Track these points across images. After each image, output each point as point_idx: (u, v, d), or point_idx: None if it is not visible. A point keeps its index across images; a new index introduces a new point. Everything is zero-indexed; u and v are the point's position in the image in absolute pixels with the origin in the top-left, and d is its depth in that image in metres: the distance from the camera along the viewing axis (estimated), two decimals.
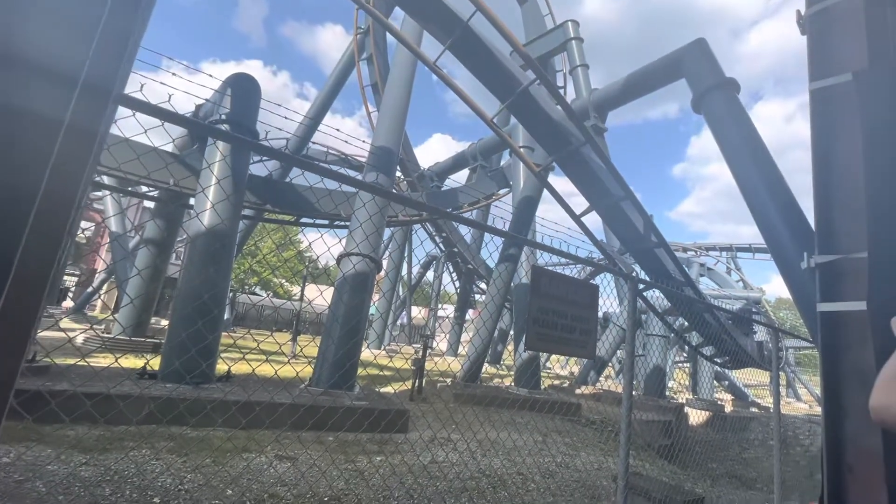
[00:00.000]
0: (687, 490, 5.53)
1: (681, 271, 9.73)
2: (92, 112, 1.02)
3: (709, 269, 27.36)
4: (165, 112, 1.94)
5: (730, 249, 36.68)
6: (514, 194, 14.89)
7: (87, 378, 6.03)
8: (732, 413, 18.36)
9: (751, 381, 26.30)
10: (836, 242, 2.91)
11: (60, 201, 0.91)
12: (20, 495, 3.42)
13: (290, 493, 4.26)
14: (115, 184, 13.51)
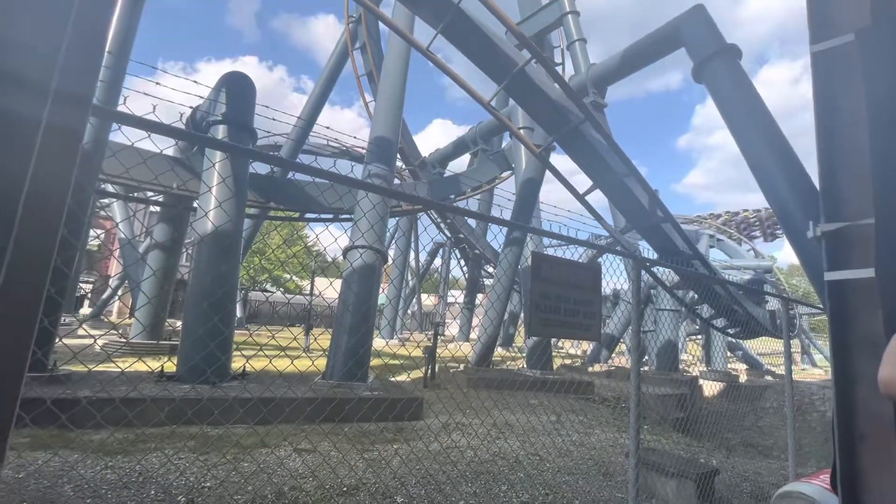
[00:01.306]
0: (702, 463, 5.57)
1: (689, 245, 9.64)
2: (71, 107, 0.99)
3: (718, 239, 27.07)
4: (160, 126, 1.94)
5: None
6: (517, 177, 14.77)
7: (107, 383, 6.18)
8: (747, 383, 18.35)
9: (765, 350, 26.21)
10: (841, 209, 2.86)
11: (46, 204, 0.89)
12: (50, 500, 3.55)
13: (310, 483, 4.36)
14: (120, 190, 13.63)
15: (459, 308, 31.00)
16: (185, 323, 7.58)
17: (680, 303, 12.22)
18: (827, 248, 3.00)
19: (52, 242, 0.91)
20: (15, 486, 3.72)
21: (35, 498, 3.59)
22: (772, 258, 41.62)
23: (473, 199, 19.10)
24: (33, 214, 0.87)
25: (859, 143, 2.91)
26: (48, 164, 0.90)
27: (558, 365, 16.81)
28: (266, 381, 7.21)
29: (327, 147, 25.71)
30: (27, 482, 3.84)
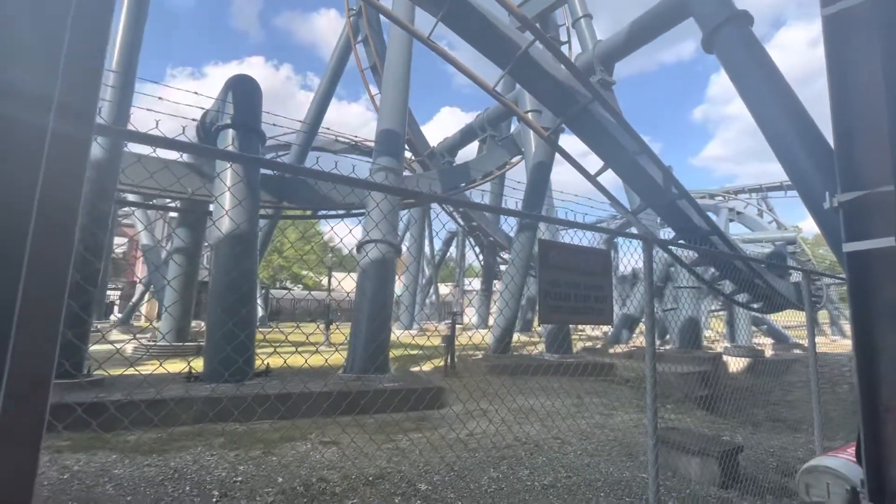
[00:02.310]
0: (725, 440, 5.53)
1: (706, 220, 9.44)
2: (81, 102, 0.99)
3: (738, 213, 26.39)
4: (172, 141, 1.98)
5: (760, 190, 35.21)
6: (527, 161, 14.62)
7: (138, 386, 6.43)
8: (773, 357, 18.03)
9: (791, 323, 25.62)
10: (859, 177, 2.76)
11: (60, 207, 0.91)
12: (93, 499, 3.74)
13: (336, 475, 4.49)
14: (140, 199, 13.98)
15: (476, 295, 31.08)
16: (208, 325, 7.80)
17: (700, 280, 12.00)
18: (845, 219, 2.91)
19: (67, 255, 0.94)
20: (60, 487, 3.93)
21: (80, 497, 3.79)
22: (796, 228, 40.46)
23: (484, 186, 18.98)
24: (46, 227, 0.89)
25: (876, 108, 2.80)
26: (57, 176, 0.92)
27: (579, 348, 16.76)
28: (288, 378, 7.40)
29: (336, 143, 25.83)
30: (71, 482, 4.05)
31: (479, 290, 30.89)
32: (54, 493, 3.82)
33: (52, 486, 3.94)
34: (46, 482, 4.01)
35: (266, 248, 18.26)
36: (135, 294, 27.95)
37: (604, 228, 3.09)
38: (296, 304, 33.45)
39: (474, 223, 26.52)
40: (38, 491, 3.88)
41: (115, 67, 7.81)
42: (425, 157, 20.58)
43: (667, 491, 4.37)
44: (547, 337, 13.95)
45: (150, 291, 25.71)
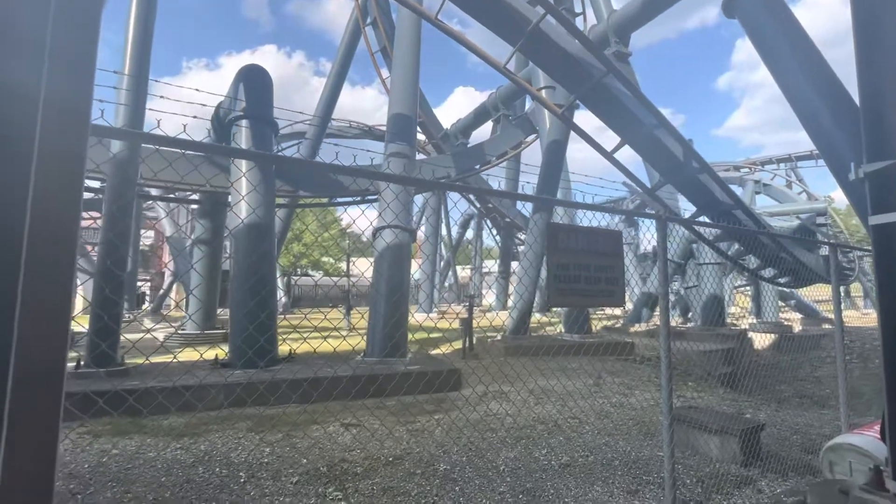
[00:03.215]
0: (746, 418, 5.46)
1: (729, 194, 9.14)
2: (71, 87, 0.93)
3: (765, 185, 25.43)
4: (186, 142, 2.02)
5: (788, 160, 33.80)
6: (542, 140, 14.34)
7: (169, 373, 6.71)
8: (801, 332, 17.56)
9: (822, 297, 24.83)
10: (886, 147, 2.62)
11: (58, 207, 0.89)
12: (130, 479, 3.96)
13: (358, 455, 4.64)
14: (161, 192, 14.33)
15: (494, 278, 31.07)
16: (231, 312, 8.03)
17: (723, 256, 11.69)
18: (871, 190, 2.79)
19: (71, 250, 0.95)
20: (100, 469, 4.18)
21: (118, 478, 4.02)
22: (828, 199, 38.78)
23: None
24: (44, 220, 0.89)
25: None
26: (53, 174, 0.91)
27: (598, 328, 16.66)
28: (311, 363, 7.60)
29: (350, 129, 25.81)
30: (109, 464, 4.30)
31: (497, 271, 30.85)
32: (94, 474, 4.06)
33: (92, 467, 4.19)
34: (87, 464, 4.26)
35: (285, 236, 18.55)
36: (163, 284, 28.91)
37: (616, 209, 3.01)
38: (317, 290, 34.08)
39: (490, 205, 26.34)
40: (81, 472, 4.13)
41: (128, 65, 7.93)
42: (438, 140, 20.41)
43: (685, 469, 4.37)
44: (565, 317, 13.90)
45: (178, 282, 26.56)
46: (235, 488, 3.87)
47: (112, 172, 7.59)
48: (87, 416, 5.20)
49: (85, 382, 6.30)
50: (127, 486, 3.83)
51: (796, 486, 4.05)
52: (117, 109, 7.82)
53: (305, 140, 18.34)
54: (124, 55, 8.03)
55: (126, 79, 7.75)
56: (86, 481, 3.91)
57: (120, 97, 7.88)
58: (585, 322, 13.54)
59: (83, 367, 6.99)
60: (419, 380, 7.03)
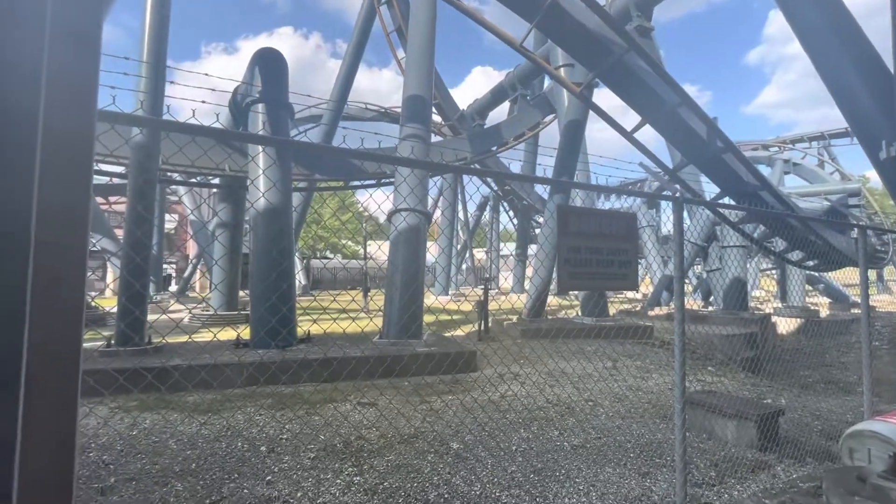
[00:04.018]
0: (765, 403, 5.37)
1: (755, 175, 8.82)
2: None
3: (795, 164, 24.40)
4: (206, 129, 2.05)
5: (821, 138, 32.27)
6: (560, 120, 14.02)
7: (193, 352, 6.96)
8: (829, 317, 17.04)
9: (852, 281, 23.97)
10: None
11: (65, 172, 0.89)
12: (157, 452, 4.17)
13: (374, 433, 4.76)
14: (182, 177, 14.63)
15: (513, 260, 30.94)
16: (251, 294, 8.24)
17: (747, 238, 11.34)
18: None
19: (83, 227, 0.94)
20: (130, 442, 4.40)
21: (147, 450, 4.23)
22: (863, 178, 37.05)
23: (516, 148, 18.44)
24: (53, 202, 0.88)
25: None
26: (58, 163, 0.89)
27: (615, 311, 16.51)
28: (328, 344, 7.77)
29: (366, 111, 25.71)
30: (139, 438, 4.52)
31: (514, 253, 30.70)
32: (125, 446, 4.27)
33: (124, 440, 4.41)
34: (119, 438, 4.49)
35: (303, 219, 18.78)
36: (188, 268, 29.78)
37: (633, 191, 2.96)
38: (335, 273, 34.58)
39: (507, 187, 26.06)
40: (112, 444, 4.36)
41: (146, 51, 8.02)
42: (455, 121, 20.16)
43: (699, 453, 4.35)
44: (583, 300, 13.80)
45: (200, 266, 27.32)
46: (256, 462, 4.03)
47: (133, 157, 7.77)
48: (110, 391, 5.46)
49: (113, 360, 6.59)
50: (155, 458, 4.03)
51: (813, 471, 3.99)
52: (137, 96, 7.95)
53: (321, 124, 18.36)
54: (142, 42, 8.12)
55: (144, 65, 7.85)
56: (117, 453, 4.13)
57: (140, 84, 8.00)
58: (604, 305, 13.42)
59: (112, 346, 7.30)
60: (434, 361, 7.12)
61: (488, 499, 3.47)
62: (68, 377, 0.98)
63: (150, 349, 7.33)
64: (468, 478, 3.80)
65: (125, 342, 7.22)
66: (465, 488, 3.62)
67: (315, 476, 3.78)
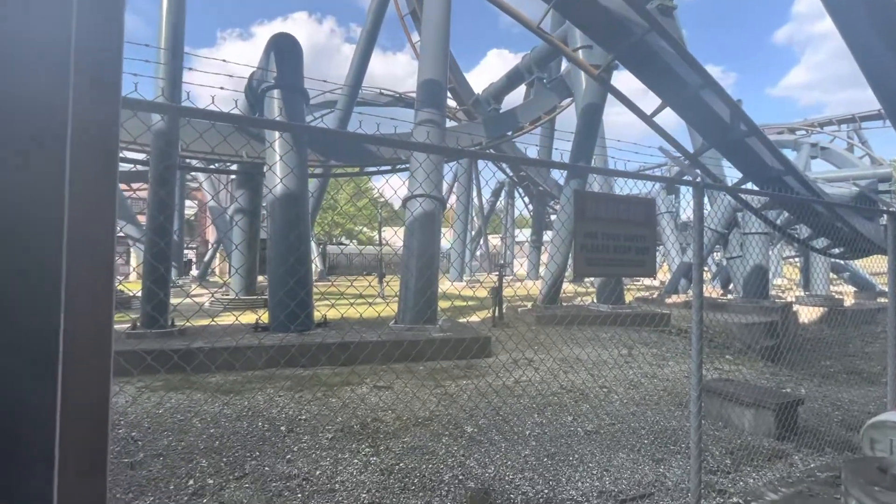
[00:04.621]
0: (784, 392, 5.30)
1: (780, 159, 8.54)
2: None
3: (822, 148, 23.50)
4: (224, 115, 2.08)
5: (851, 121, 30.94)
6: (577, 103, 13.74)
7: (215, 335, 7.15)
8: (854, 306, 16.59)
9: (879, 269, 23.17)
10: None
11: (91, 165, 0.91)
12: (183, 430, 4.33)
13: (390, 415, 4.86)
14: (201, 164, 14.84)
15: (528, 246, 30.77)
16: (269, 280, 8.40)
17: (770, 225, 11.04)
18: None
19: (110, 216, 0.97)
20: (157, 420, 4.58)
21: (173, 428, 4.40)
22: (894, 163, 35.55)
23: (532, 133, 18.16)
24: (82, 193, 0.91)
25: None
26: (87, 153, 0.91)
27: (632, 298, 16.35)
28: (344, 328, 7.90)
29: (381, 96, 25.56)
30: (165, 416, 4.70)
31: (529, 240, 30.51)
32: (152, 423, 4.45)
33: (151, 418, 4.60)
34: (146, 416, 4.68)
35: (319, 205, 18.94)
36: (208, 253, 30.41)
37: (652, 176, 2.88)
38: (351, 258, 34.93)
39: (523, 172, 25.78)
40: (140, 421, 4.55)
41: (164, 38, 8.09)
42: (470, 106, 19.93)
43: (714, 441, 4.33)
44: (599, 287, 13.69)
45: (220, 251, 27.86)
46: (276, 441, 4.16)
47: (154, 143, 7.91)
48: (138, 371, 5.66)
49: (140, 342, 6.83)
50: (180, 436, 4.20)
51: (832, 461, 3.95)
52: (156, 83, 8.06)
53: (336, 109, 18.35)
54: (160, 29, 8.19)
55: (162, 52, 7.94)
56: (144, 430, 4.31)
57: (158, 71, 8.10)
58: (620, 292, 13.30)
59: (137, 328, 7.55)
60: (449, 346, 7.19)
61: (502, 481, 3.53)
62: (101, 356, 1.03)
63: (176, 331, 7.56)
64: (482, 460, 3.86)
65: (151, 324, 7.46)
66: (479, 470, 3.69)
67: (333, 455, 3.89)
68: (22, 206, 0.84)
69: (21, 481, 0.80)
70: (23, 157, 0.83)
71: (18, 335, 0.85)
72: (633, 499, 3.29)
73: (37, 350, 0.87)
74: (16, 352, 0.84)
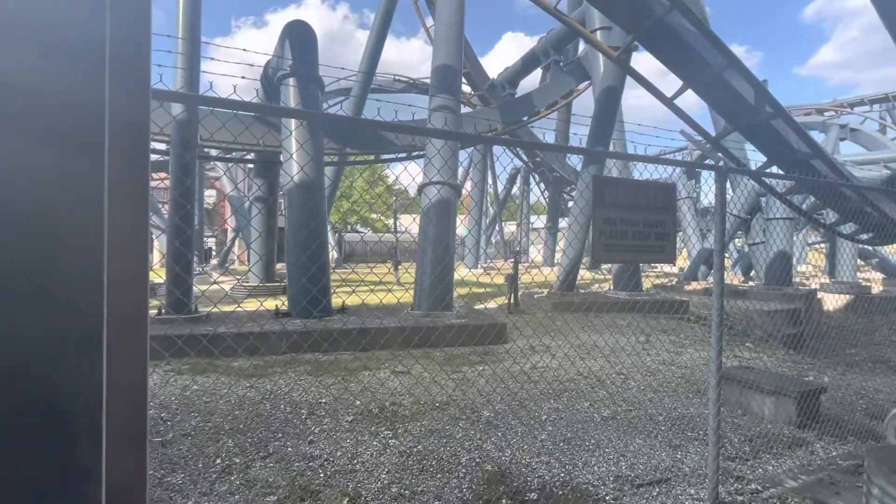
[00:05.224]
0: (806, 380, 5.22)
1: (806, 141, 8.26)
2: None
3: (852, 130, 22.56)
4: (243, 104, 2.12)
5: (885, 100, 29.57)
6: (595, 86, 13.44)
7: (237, 320, 7.35)
8: (882, 293, 16.09)
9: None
10: None
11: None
12: (209, 411, 4.50)
13: (407, 399, 4.95)
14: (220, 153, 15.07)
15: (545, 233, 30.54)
16: (287, 267, 8.56)
17: (795, 210, 10.72)
18: None
19: (143, 210, 1.02)
20: (183, 401, 4.76)
21: (200, 409, 4.57)
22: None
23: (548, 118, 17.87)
24: (119, 189, 0.96)
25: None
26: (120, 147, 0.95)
27: (649, 285, 16.15)
28: (362, 314, 8.03)
29: (395, 83, 25.41)
30: (192, 398, 4.88)
31: (545, 227, 30.27)
32: (179, 405, 4.64)
33: (178, 400, 4.78)
34: (174, 398, 4.87)
35: (335, 193, 19.06)
36: (227, 241, 31.03)
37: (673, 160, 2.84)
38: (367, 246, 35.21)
39: (538, 158, 25.46)
40: (169, 402, 4.74)
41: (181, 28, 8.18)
42: (485, 91, 19.68)
43: (733, 428, 4.31)
44: (616, 274, 13.55)
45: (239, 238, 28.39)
46: (298, 423, 4.29)
47: (176, 133, 8.06)
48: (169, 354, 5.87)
49: (169, 327, 7.06)
50: (207, 417, 4.36)
51: (855, 450, 3.89)
52: (174, 73, 8.17)
53: (351, 97, 18.31)
54: (177, 19, 8.27)
55: (180, 42, 8.03)
56: (173, 411, 4.49)
57: (177, 61, 8.20)
58: (638, 279, 13.15)
59: (162, 314, 7.80)
60: (466, 332, 7.25)
61: (518, 464, 3.59)
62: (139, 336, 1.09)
63: (203, 316, 7.80)
64: (499, 444, 3.92)
65: (178, 310, 7.70)
66: (496, 454, 3.75)
67: (353, 438, 4.00)
68: (68, 204, 0.89)
69: (72, 454, 0.86)
70: (67, 158, 0.88)
71: (69, 317, 0.90)
72: (649, 483, 3.31)
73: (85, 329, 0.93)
74: (67, 331, 0.90)
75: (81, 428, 0.88)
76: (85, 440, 0.89)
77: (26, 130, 0.87)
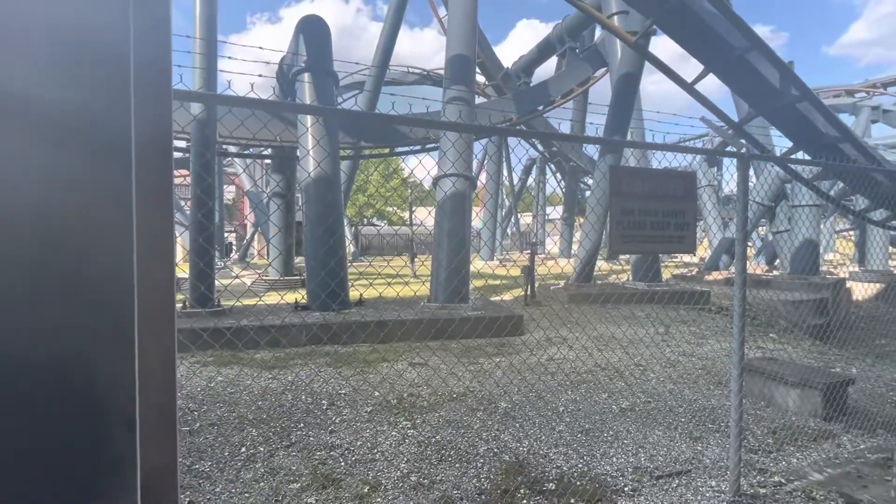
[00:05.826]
0: (834, 372, 5.08)
1: (835, 125, 7.95)
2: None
3: (885, 111, 21.58)
4: (261, 101, 2.15)
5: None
6: (612, 73, 13.17)
7: (258, 314, 7.52)
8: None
9: None
10: None
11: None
12: (233, 402, 4.63)
13: (425, 391, 5.01)
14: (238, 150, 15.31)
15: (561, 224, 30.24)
16: (306, 261, 8.69)
17: (823, 196, 10.37)
18: None
19: (168, 207, 1.06)
20: (209, 393, 4.91)
21: (224, 399, 4.71)
22: None
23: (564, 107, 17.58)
24: (145, 188, 0.99)
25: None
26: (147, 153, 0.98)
27: (669, 276, 15.88)
28: (379, 307, 8.11)
29: (409, 75, 25.34)
30: (217, 389, 5.03)
31: (562, 217, 29.95)
32: (205, 395, 4.78)
33: (203, 391, 4.93)
34: (200, 389, 5.02)
35: (350, 187, 19.18)
36: (247, 235, 31.61)
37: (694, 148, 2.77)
38: (383, 239, 35.44)
39: (554, 148, 25.13)
40: (195, 393, 4.89)
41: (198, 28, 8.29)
42: (499, 80, 19.46)
43: (756, 420, 4.24)
44: (634, 265, 13.36)
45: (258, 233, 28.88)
46: (319, 413, 4.39)
47: (196, 132, 8.21)
48: (196, 345, 6.06)
49: (195, 320, 7.27)
50: (231, 407, 4.49)
51: (884, 443, 3.79)
52: (194, 73, 8.31)
53: (365, 90, 18.33)
54: (194, 20, 8.39)
55: (198, 42, 8.15)
56: (199, 401, 4.64)
57: (195, 61, 8.33)
58: (657, 270, 12.95)
59: (187, 308, 8.02)
60: (481, 324, 7.27)
61: (536, 455, 3.60)
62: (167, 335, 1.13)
63: (227, 310, 8.00)
64: (517, 434, 3.94)
65: (202, 304, 7.91)
66: (513, 444, 3.77)
67: (373, 428, 4.07)
68: (101, 210, 0.93)
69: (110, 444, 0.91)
70: (97, 166, 0.92)
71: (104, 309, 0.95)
72: (669, 475, 3.29)
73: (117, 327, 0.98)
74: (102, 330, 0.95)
75: (118, 419, 0.93)
76: (122, 431, 0.94)
77: (62, 140, 0.91)
